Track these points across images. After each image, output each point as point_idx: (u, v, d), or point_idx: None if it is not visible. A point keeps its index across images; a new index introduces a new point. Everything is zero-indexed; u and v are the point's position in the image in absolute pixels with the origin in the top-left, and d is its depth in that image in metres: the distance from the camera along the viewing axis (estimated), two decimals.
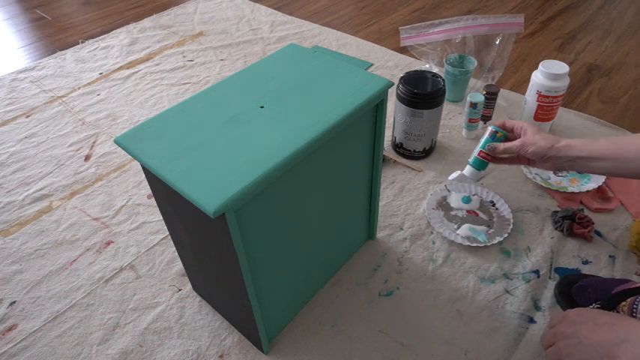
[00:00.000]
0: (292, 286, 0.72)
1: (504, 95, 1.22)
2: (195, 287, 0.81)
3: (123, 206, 0.99)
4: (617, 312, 0.63)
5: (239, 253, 0.54)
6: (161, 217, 0.95)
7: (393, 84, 0.65)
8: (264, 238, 0.59)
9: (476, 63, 1.16)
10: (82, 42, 1.59)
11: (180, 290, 0.82)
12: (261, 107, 0.61)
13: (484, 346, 0.72)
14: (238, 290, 0.61)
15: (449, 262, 0.84)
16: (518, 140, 0.70)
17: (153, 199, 1.00)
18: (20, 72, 1.45)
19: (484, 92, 1.07)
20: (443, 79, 0.96)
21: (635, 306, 0.61)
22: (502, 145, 0.72)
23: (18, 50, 1.59)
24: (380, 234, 0.90)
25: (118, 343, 0.75)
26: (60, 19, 1.76)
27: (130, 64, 1.46)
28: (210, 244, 0.60)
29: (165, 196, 0.61)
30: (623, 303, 0.63)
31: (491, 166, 0.88)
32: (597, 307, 0.66)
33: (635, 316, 0.60)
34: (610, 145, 0.63)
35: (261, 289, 0.62)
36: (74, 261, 0.88)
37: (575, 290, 0.74)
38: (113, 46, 1.55)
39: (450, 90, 1.19)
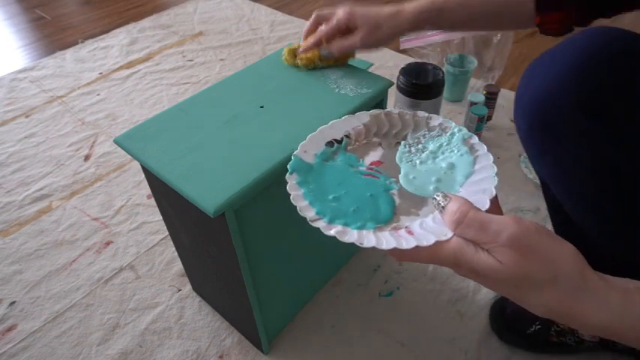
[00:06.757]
0: (292, 286, 0.72)
1: (504, 95, 1.22)
2: (195, 287, 0.81)
3: (122, 206, 0.99)
4: None
5: (239, 253, 0.54)
6: (161, 217, 0.95)
7: (393, 84, 0.65)
8: (264, 238, 0.58)
9: (476, 63, 1.16)
10: (82, 42, 1.59)
11: (180, 290, 0.82)
12: (261, 107, 0.60)
13: (484, 346, 0.72)
14: (238, 290, 0.61)
15: None
16: (357, 35, 0.61)
17: (152, 199, 1.00)
18: (20, 72, 1.45)
19: (484, 92, 1.07)
20: (442, 71, 0.97)
21: None
22: (338, 45, 0.62)
23: (17, 50, 1.59)
24: None
25: (118, 344, 0.75)
26: (59, 19, 1.76)
27: (130, 64, 1.46)
28: (210, 244, 0.60)
29: (165, 196, 0.61)
30: None
31: None
32: None
33: None
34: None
35: (261, 289, 0.62)
36: (74, 261, 0.88)
37: None
38: (113, 46, 1.55)
39: (450, 90, 1.19)
